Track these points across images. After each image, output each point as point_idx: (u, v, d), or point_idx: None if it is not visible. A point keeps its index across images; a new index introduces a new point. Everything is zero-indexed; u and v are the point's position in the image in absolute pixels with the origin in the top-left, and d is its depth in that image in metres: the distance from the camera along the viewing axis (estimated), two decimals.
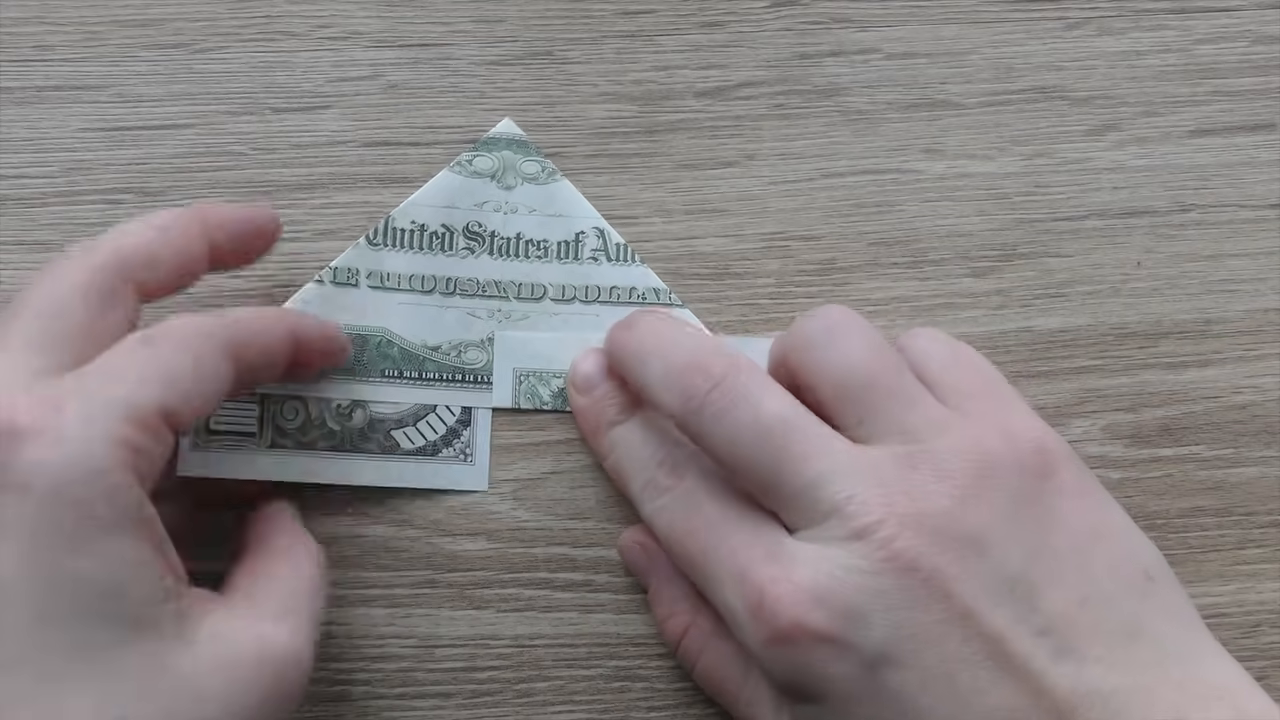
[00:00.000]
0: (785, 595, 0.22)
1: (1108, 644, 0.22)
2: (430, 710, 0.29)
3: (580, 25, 0.31)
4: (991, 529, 0.23)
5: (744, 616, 0.23)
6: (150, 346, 0.22)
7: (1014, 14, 0.32)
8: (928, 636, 0.22)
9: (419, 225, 0.29)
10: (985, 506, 0.23)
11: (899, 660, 0.22)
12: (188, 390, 0.22)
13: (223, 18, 0.31)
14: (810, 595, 0.22)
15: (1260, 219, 0.31)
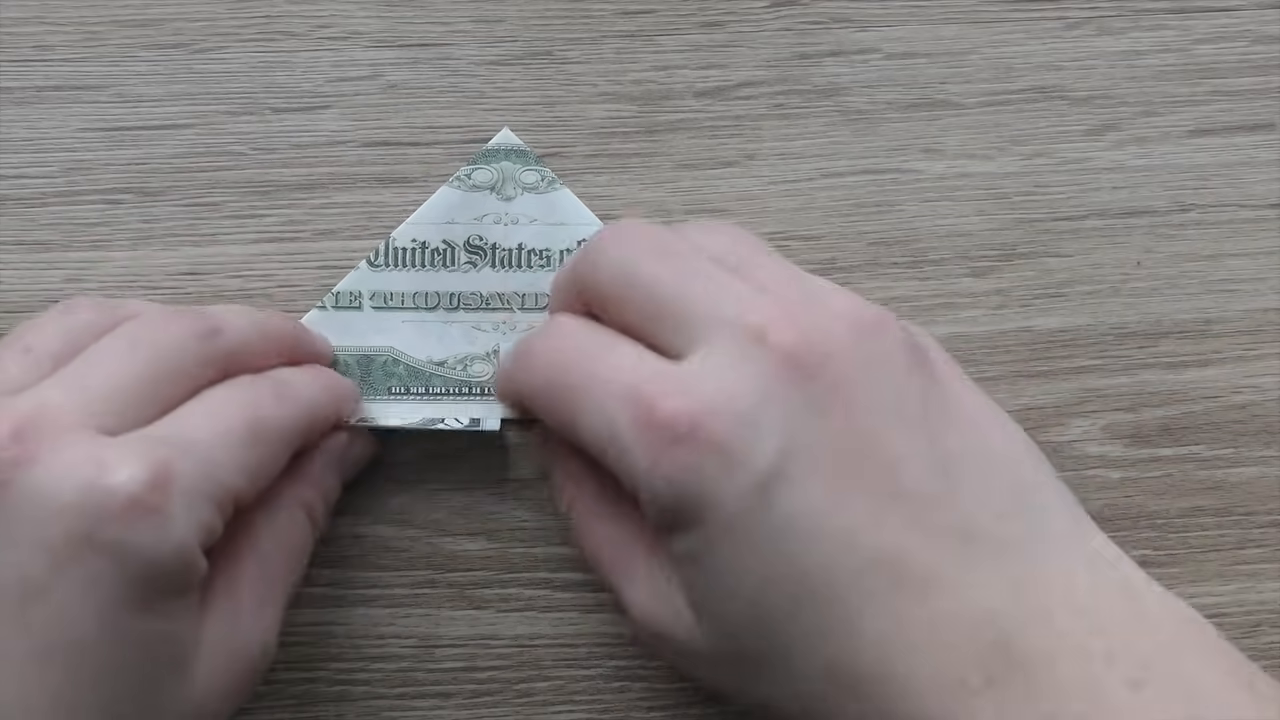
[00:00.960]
0: (680, 404, 0.21)
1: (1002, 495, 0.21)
2: (430, 710, 0.29)
3: (580, 25, 0.31)
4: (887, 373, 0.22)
5: (631, 436, 0.21)
6: (256, 442, 0.23)
7: (1014, 14, 0.32)
8: (824, 450, 0.21)
9: (420, 244, 0.30)
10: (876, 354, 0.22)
11: (790, 476, 0.20)
12: (261, 486, 0.24)
13: (222, 18, 0.31)
14: (705, 403, 0.21)
15: (1260, 219, 0.31)
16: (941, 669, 0.20)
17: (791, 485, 0.21)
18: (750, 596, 0.21)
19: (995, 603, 0.20)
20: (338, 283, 0.29)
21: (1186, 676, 0.19)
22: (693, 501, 0.21)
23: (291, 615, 0.29)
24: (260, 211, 0.30)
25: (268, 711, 0.28)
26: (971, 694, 0.20)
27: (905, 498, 0.21)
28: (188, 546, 0.21)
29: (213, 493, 0.22)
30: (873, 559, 0.20)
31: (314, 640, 0.29)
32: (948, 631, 0.20)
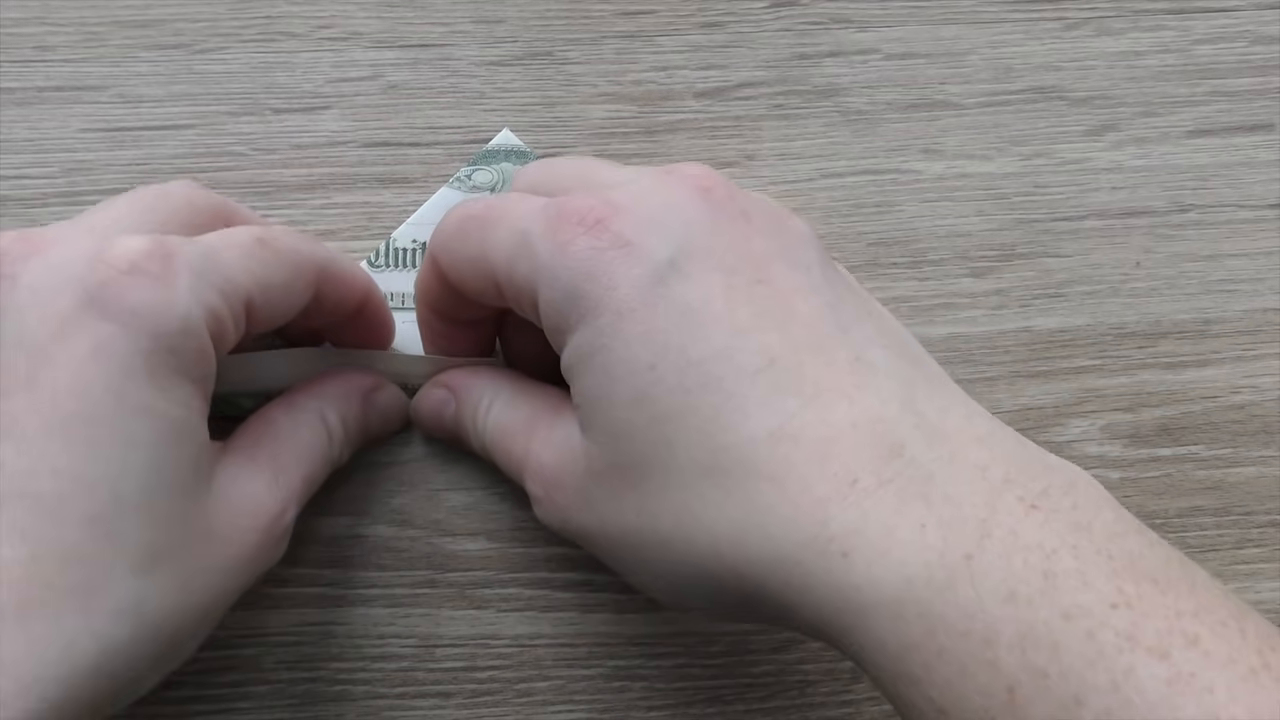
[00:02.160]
0: (593, 202, 0.22)
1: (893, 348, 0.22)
2: (430, 710, 0.29)
3: (580, 26, 0.31)
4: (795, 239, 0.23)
5: (541, 231, 0.22)
6: (262, 248, 0.23)
7: (1013, 14, 0.32)
8: (725, 259, 0.21)
9: (420, 244, 0.30)
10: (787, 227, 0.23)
11: (689, 272, 0.21)
12: (273, 298, 0.23)
13: (223, 18, 0.31)
14: (615, 205, 0.22)
15: (1259, 219, 0.31)
16: (833, 467, 0.19)
17: (689, 279, 0.21)
18: (640, 390, 0.21)
19: (891, 413, 0.20)
20: None
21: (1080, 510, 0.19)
22: (591, 287, 0.21)
23: (292, 615, 0.29)
24: (261, 212, 0.30)
25: (268, 711, 0.29)
26: (863, 493, 0.19)
27: (800, 321, 0.21)
28: (193, 319, 0.21)
29: (216, 281, 0.22)
30: (767, 360, 0.20)
31: (315, 640, 0.29)
32: (841, 433, 0.20)
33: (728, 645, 0.29)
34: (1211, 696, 0.16)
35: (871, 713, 0.29)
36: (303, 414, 0.26)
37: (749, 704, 0.29)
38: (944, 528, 0.19)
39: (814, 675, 0.29)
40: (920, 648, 0.18)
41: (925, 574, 0.18)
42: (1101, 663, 0.17)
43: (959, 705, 0.18)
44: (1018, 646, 0.18)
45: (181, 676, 0.28)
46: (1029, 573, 0.18)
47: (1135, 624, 0.17)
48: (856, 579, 0.19)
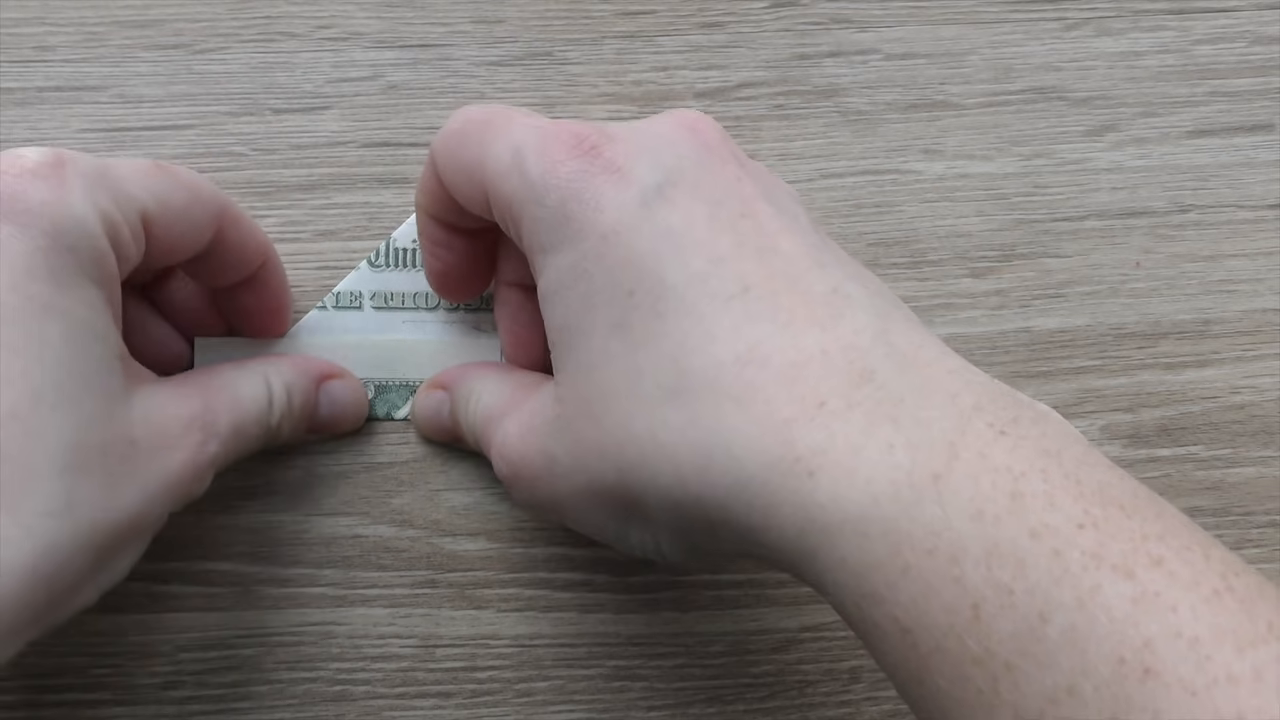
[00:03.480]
0: (589, 129, 0.22)
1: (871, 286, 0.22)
2: (431, 710, 0.29)
3: (580, 26, 0.31)
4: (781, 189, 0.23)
5: (535, 148, 0.22)
6: (159, 169, 0.24)
7: (1013, 15, 0.32)
8: (710, 191, 0.22)
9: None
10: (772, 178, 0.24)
11: (674, 199, 0.21)
12: (173, 220, 0.24)
13: (223, 19, 0.31)
14: (610, 134, 0.22)
15: (1258, 219, 0.31)
16: (800, 390, 0.20)
17: (673, 205, 0.21)
18: (618, 317, 0.21)
19: (864, 343, 0.20)
20: (338, 283, 0.29)
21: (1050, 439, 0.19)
22: (578, 208, 0.22)
23: (292, 615, 0.29)
24: (261, 212, 0.30)
25: (268, 711, 0.29)
26: (831, 415, 0.19)
27: (781, 255, 0.21)
28: (88, 218, 0.21)
29: (111, 189, 0.22)
30: (742, 286, 0.21)
31: (315, 640, 0.29)
32: (811, 358, 0.20)
33: (728, 645, 0.29)
34: (1175, 615, 0.16)
35: (871, 713, 0.29)
36: (248, 371, 0.26)
37: (749, 704, 0.29)
38: (912, 448, 0.19)
39: (814, 675, 0.29)
40: (885, 566, 0.18)
41: (891, 492, 0.18)
42: (1067, 580, 0.17)
43: (923, 623, 0.18)
44: (983, 563, 0.18)
45: (181, 677, 0.28)
46: (996, 493, 0.18)
47: (1101, 544, 0.17)
48: (821, 497, 0.19)
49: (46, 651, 0.28)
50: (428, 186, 0.25)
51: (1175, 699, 0.16)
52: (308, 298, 0.30)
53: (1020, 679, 0.17)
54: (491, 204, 0.23)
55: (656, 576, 0.29)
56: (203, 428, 0.24)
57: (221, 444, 0.24)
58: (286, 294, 0.28)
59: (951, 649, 0.18)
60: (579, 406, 0.22)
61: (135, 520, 0.22)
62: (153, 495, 0.22)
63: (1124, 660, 0.16)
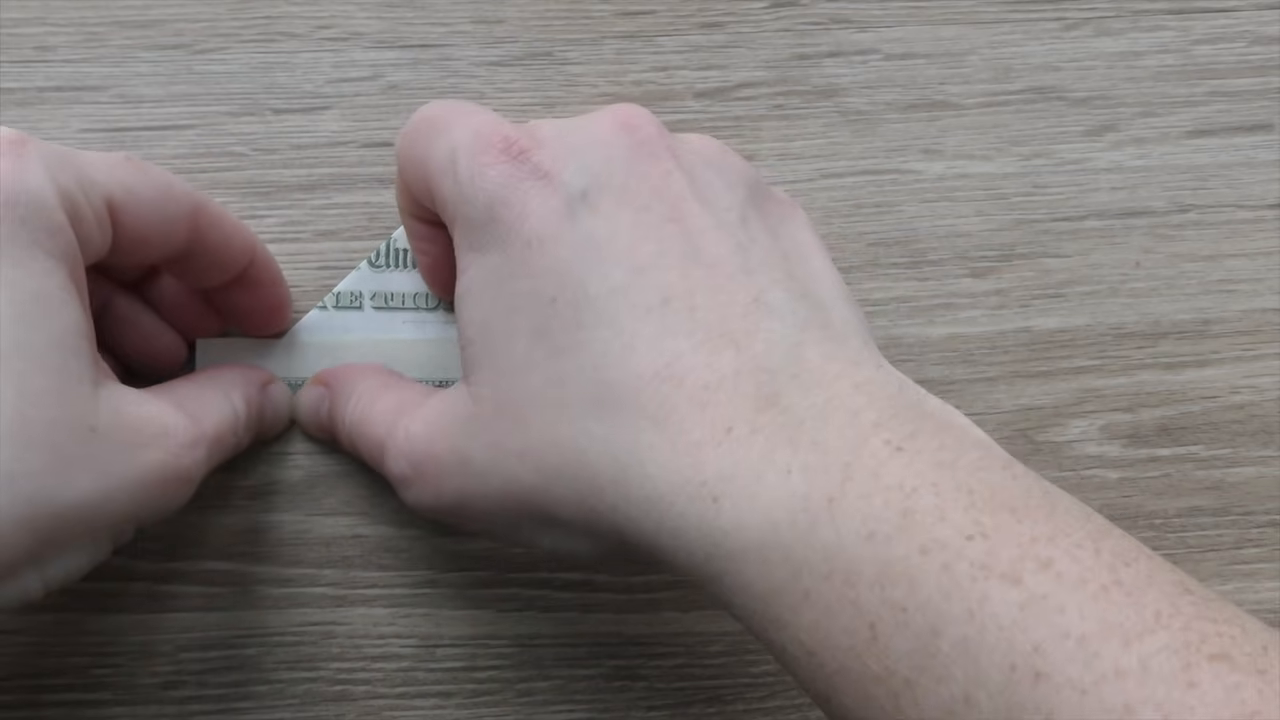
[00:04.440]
0: (521, 134, 0.22)
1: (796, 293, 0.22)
2: (431, 709, 0.29)
3: (580, 26, 0.31)
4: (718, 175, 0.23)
5: (468, 149, 0.22)
6: (127, 162, 0.24)
7: (1013, 15, 0.32)
8: (637, 194, 0.22)
9: None
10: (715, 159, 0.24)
11: (599, 205, 0.21)
12: (141, 211, 0.23)
13: (223, 19, 0.31)
14: (541, 139, 0.22)
15: (1258, 219, 0.31)
16: (710, 414, 0.20)
17: (597, 213, 0.21)
18: (539, 324, 0.21)
19: (775, 364, 0.20)
20: (339, 283, 0.29)
21: (947, 450, 0.19)
22: (504, 213, 0.22)
23: (293, 615, 0.29)
24: (261, 212, 0.30)
25: (269, 711, 0.29)
26: (736, 441, 0.20)
27: (704, 262, 0.21)
28: (44, 191, 0.21)
29: (72, 170, 0.22)
30: (662, 299, 0.21)
31: (315, 640, 0.29)
32: (723, 380, 0.20)
33: (728, 645, 0.29)
34: (1063, 616, 0.17)
35: None
36: (209, 384, 0.26)
37: (749, 704, 0.29)
38: (808, 472, 0.19)
39: None
40: (786, 591, 0.19)
41: (789, 518, 0.19)
42: (957, 593, 0.17)
43: (825, 645, 0.18)
44: (877, 584, 0.18)
45: (182, 677, 0.28)
46: (888, 511, 0.18)
47: (990, 553, 0.17)
48: (725, 524, 0.19)
49: (46, 651, 0.28)
50: (398, 184, 0.26)
51: (1065, 699, 0.16)
52: (308, 298, 0.30)
53: (920, 693, 0.17)
54: (434, 202, 0.24)
55: (657, 576, 0.29)
56: (189, 429, 0.23)
57: (208, 449, 0.24)
58: (281, 292, 0.28)
59: (854, 669, 0.18)
60: (498, 408, 0.22)
61: (85, 509, 0.21)
62: (110, 489, 0.21)
63: (1015, 666, 0.17)
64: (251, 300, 0.28)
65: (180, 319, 0.28)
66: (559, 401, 0.21)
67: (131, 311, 0.28)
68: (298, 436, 0.29)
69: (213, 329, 0.29)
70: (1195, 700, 0.16)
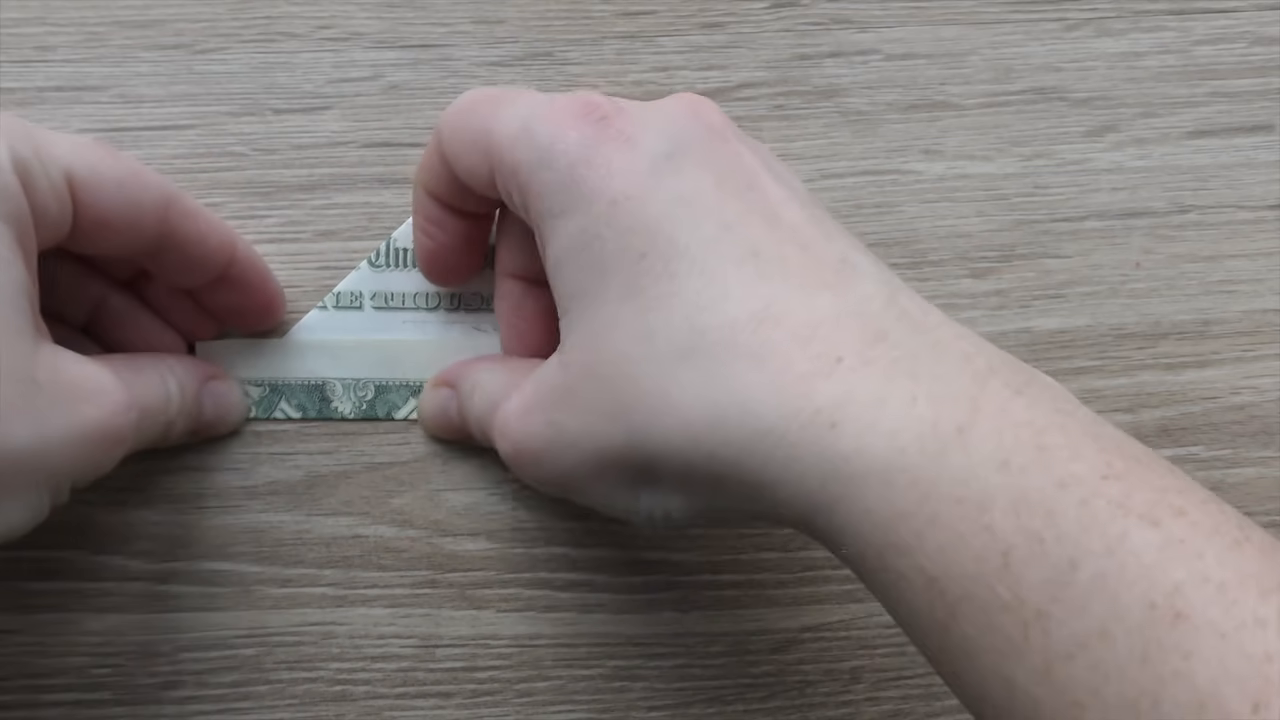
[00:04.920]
0: (599, 100, 0.23)
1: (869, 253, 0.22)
2: (431, 710, 0.29)
3: (580, 26, 0.31)
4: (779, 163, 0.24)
5: (546, 113, 0.23)
6: (95, 143, 0.24)
7: (1013, 15, 0.32)
8: (715, 164, 0.22)
9: None
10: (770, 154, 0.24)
11: (681, 168, 0.22)
12: (102, 188, 0.23)
13: (224, 19, 0.31)
14: (620, 106, 0.23)
15: (1259, 220, 0.31)
16: (816, 348, 0.20)
17: (682, 173, 0.22)
18: (630, 281, 0.21)
19: (875, 308, 0.20)
20: (339, 283, 0.29)
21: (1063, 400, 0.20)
22: (588, 172, 0.22)
23: (293, 615, 0.29)
24: (261, 212, 0.30)
25: (269, 711, 0.29)
26: (849, 370, 0.20)
27: (786, 224, 0.21)
28: None
29: (33, 143, 0.22)
30: (752, 251, 0.21)
31: (315, 640, 0.29)
32: (824, 319, 0.20)
33: (728, 645, 0.29)
34: (1202, 561, 0.17)
35: (871, 713, 0.29)
36: (147, 363, 0.26)
37: (749, 704, 0.29)
38: (934, 401, 0.19)
39: (814, 675, 0.29)
40: (912, 515, 0.19)
41: (917, 444, 0.19)
42: (1096, 528, 0.17)
43: (951, 571, 0.18)
44: (1013, 512, 0.18)
45: (182, 677, 0.28)
46: (1020, 445, 0.18)
47: (1126, 494, 0.18)
48: (845, 448, 0.19)
49: (46, 651, 0.28)
50: (429, 162, 0.26)
51: (1206, 641, 0.16)
52: (308, 298, 0.30)
53: (1051, 625, 0.17)
54: (497, 175, 0.23)
55: (656, 576, 0.29)
56: (124, 394, 0.23)
57: (139, 418, 0.24)
58: (270, 290, 0.28)
59: (980, 596, 0.18)
60: (586, 372, 0.22)
61: (23, 458, 0.21)
62: (48, 439, 0.22)
63: (1155, 605, 0.17)
64: (238, 300, 0.28)
65: (178, 319, 0.28)
66: (646, 356, 0.21)
67: (128, 309, 0.28)
68: (297, 437, 0.29)
69: (210, 328, 0.29)
70: None
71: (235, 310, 0.28)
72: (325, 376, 0.29)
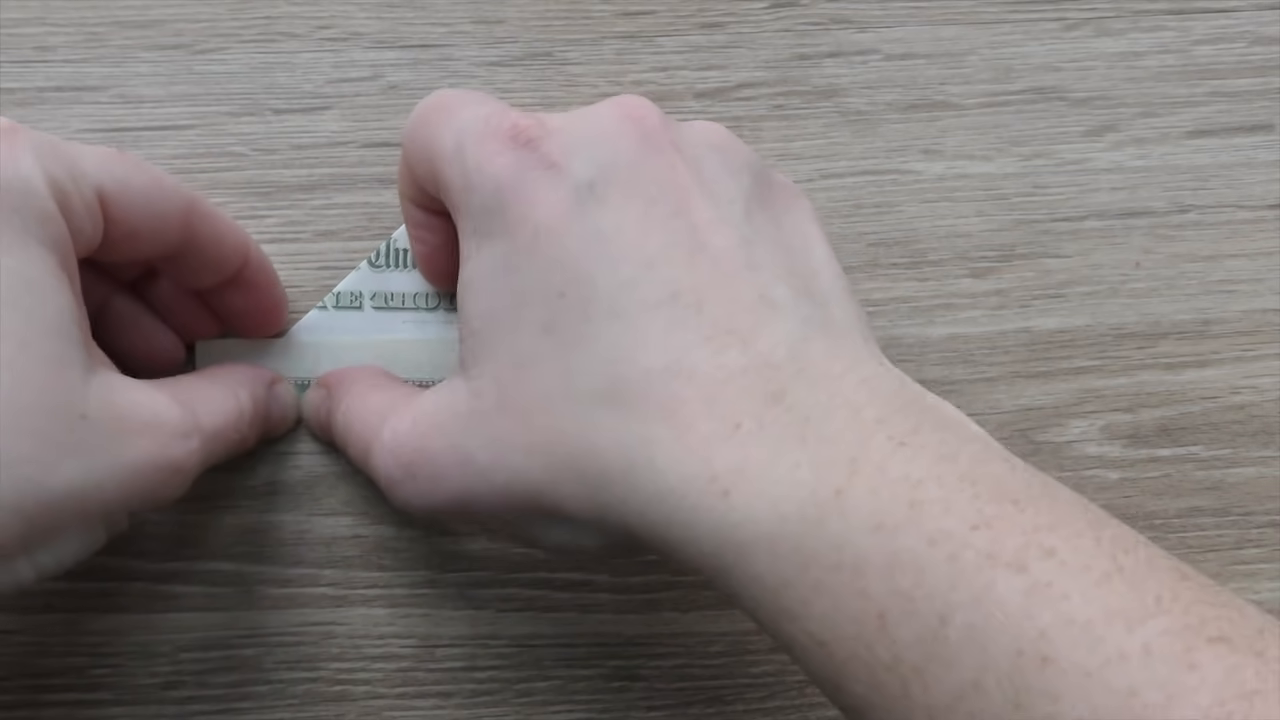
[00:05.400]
0: (530, 122, 0.22)
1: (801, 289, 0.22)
2: (431, 710, 0.29)
3: (580, 26, 0.31)
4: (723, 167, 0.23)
5: (476, 137, 0.22)
6: (120, 155, 0.24)
7: (1013, 15, 0.32)
8: (644, 187, 0.22)
9: None
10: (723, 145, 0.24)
11: (607, 197, 0.21)
12: (133, 203, 0.23)
13: (223, 19, 0.31)
14: (550, 128, 0.22)
15: (1258, 219, 0.31)
16: (720, 410, 0.20)
17: (606, 205, 0.21)
18: (549, 318, 0.21)
19: (780, 360, 0.21)
20: (339, 283, 0.29)
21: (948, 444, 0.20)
22: (513, 200, 0.22)
23: (293, 615, 0.29)
24: (261, 212, 0.30)
25: (269, 711, 0.29)
26: (746, 435, 0.20)
27: (710, 256, 0.21)
28: (33, 180, 0.21)
29: (63, 160, 0.22)
30: (671, 293, 0.21)
31: (315, 640, 0.29)
32: (731, 376, 0.20)
33: (728, 645, 0.29)
34: (1068, 602, 0.17)
35: None
36: (215, 379, 0.26)
37: (749, 704, 0.29)
38: (816, 466, 0.19)
39: None
40: (796, 583, 0.19)
41: (799, 511, 0.19)
42: (963, 581, 0.18)
43: (835, 635, 0.19)
44: (885, 574, 0.18)
45: (182, 677, 0.28)
46: (895, 504, 0.19)
47: (994, 542, 0.18)
48: (735, 517, 0.19)
49: (46, 651, 0.28)
50: (401, 168, 0.26)
51: (1072, 681, 0.16)
52: (308, 298, 0.30)
53: (929, 680, 0.18)
54: (439, 188, 0.24)
55: (656, 576, 0.29)
56: (182, 420, 0.23)
57: (202, 442, 0.24)
58: (276, 295, 0.28)
59: (863, 657, 0.18)
60: (502, 402, 0.22)
61: (74, 497, 0.21)
62: (98, 476, 0.21)
63: (1022, 652, 0.17)
64: (246, 302, 0.28)
65: (179, 320, 0.28)
66: (568, 395, 0.21)
67: (130, 311, 0.28)
68: (298, 436, 0.29)
69: (211, 330, 0.29)
70: (1196, 681, 0.16)
71: (243, 312, 0.28)
72: None
